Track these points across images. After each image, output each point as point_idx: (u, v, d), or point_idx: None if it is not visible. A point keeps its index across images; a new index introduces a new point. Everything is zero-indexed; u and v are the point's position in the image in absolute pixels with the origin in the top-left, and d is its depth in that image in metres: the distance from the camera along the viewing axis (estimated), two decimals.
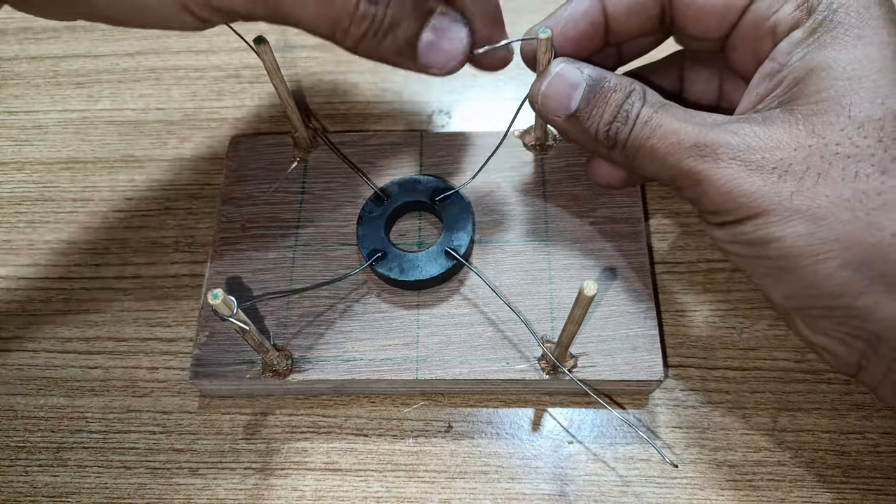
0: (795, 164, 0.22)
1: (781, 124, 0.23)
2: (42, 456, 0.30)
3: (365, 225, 0.31)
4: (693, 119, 0.24)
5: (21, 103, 0.39)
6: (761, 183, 0.22)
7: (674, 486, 0.28)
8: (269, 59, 0.28)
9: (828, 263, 0.22)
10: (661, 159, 0.24)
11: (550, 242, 0.31)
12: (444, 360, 0.29)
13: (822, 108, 0.22)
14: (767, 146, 0.22)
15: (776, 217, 0.22)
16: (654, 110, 0.24)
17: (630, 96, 0.25)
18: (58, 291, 0.33)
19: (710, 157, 0.23)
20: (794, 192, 0.22)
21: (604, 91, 0.25)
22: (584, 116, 0.25)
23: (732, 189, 0.23)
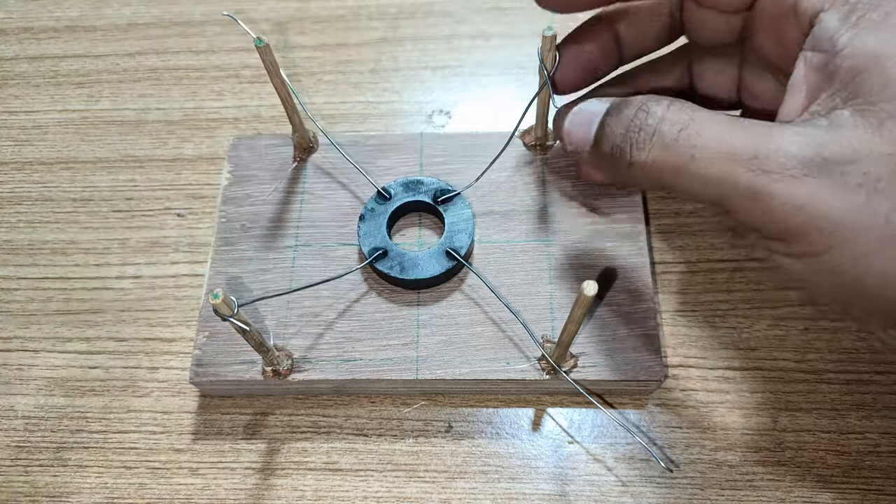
0: (885, 179, 0.18)
1: (855, 129, 0.19)
2: (42, 456, 0.30)
3: (367, 222, 0.31)
4: (742, 124, 0.20)
5: (21, 103, 0.39)
6: (846, 203, 0.18)
7: (674, 487, 0.28)
8: (269, 60, 0.28)
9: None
10: (706, 175, 0.20)
11: (550, 242, 0.31)
12: (444, 360, 0.29)
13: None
14: (847, 158, 0.18)
15: (871, 245, 0.18)
16: (690, 115, 0.21)
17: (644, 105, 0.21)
18: (57, 292, 0.33)
19: (776, 172, 0.19)
20: (889, 212, 0.18)
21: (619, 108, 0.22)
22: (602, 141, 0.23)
23: (810, 212, 0.19)
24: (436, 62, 0.39)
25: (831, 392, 0.29)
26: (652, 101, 0.22)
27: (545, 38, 0.26)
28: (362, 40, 0.40)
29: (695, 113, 0.21)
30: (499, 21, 0.40)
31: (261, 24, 0.41)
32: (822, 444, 0.29)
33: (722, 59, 0.27)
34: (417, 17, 0.41)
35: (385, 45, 0.40)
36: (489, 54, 0.39)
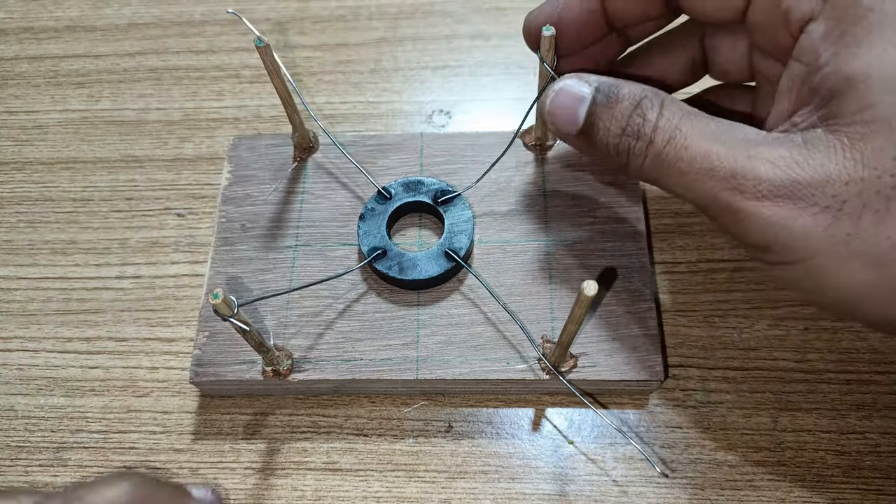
0: (850, 202, 0.19)
1: (827, 151, 0.19)
2: (42, 456, 0.30)
3: (367, 222, 0.31)
4: (725, 137, 0.21)
5: (21, 103, 0.39)
6: (813, 223, 0.19)
7: (674, 487, 0.28)
8: (269, 60, 0.28)
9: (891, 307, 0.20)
10: (691, 186, 0.21)
11: (551, 242, 0.31)
12: (444, 360, 0.29)
13: (870, 131, 0.19)
14: (816, 181, 0.19)
15: (832, 262, 0.20)
16: (677, 124, 0.21)
17: (639, 106, 0.22)
18: (58, 291, 0.33)
19: (750, 192, 0.20)
20: (850, 233, 0.19)
21: (610, 102, 0.22)
22: (591, 131, 0.23)
23: (780, 230, 0.20)
24: (436, 62, 0.39)
25: (831, 392, 0.29)
26: (646, 102, 0.22)
27: (545, 38, 0.26)
28: (362, 40, 0.40)
29: (682, 121, 0.21)
30: (499, 21, 0.40)
31: (261, 24, 0.41)
32: (822, 444, 0.29)
33: (733, 35, 0.26)
34: (417, 17, 0.41)
35: (385, 45, 0.40)
36: (489, 54, 0.39)
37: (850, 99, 0.19)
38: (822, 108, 0.20)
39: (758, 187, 0.20)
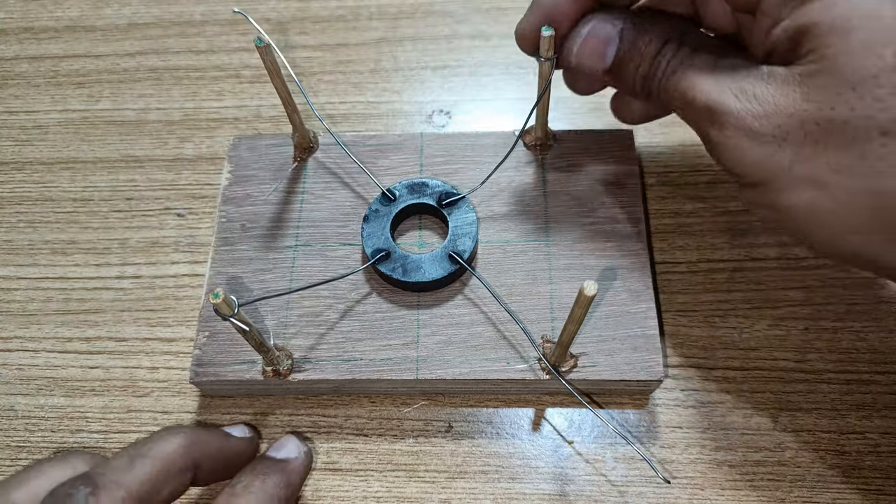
0: (793, 132, 0.21)
1: (781, 86, 0.22)
2: (42, 456, 0.30)
3: (371, 223, 0.31)
4: (717, 70, 0.24)
5: (21, 103, 0.39)
6: (762, 152, 0.22)
7: (674, 487, 0.28)
8: (269, 60, 0.28)
9: (838, 229, 0.21)
10: (685, 114, 0.25)
11: (551, 242, 0.31)
12: (444, 360, 0.29)
13: (817, 69, 0.21)
14: (766, 112, 0.22)
15: (779, 186, 0.22)
16: (683, 60, 0.24)
17: (665, 46, 0.25)
18: (58, 291, 0.33)
19: (717, 124, 0.23)
20: (792, 160, 0.21)
21: (638, 44, 0.25)
22: (620, 70, 0.25)
23: (738, 158, 0.23)
24: (436, 62, 0.39)
25: (831, 392, 0.29)
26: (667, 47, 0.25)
27: (544, 38, 0.26)
28: (362, 40, 0.40)
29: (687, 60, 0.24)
30: (499, 21, 0.40)
31: (261, 24, 0.41)
32: (822, 444, 0.29)
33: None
34: (417, 17, 0.41)
35: (385, 45, 0.40)
36: (489, 54, 0.39)
37: (804, 43, 0.21)
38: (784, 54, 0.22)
39: (722, 119, 0.23)
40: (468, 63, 0.39)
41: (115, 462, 0.22)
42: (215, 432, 0.26)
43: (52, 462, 0.23)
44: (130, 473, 0.22)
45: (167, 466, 0.23)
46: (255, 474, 0.25)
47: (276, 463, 0.26)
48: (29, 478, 0.23)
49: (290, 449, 0.27)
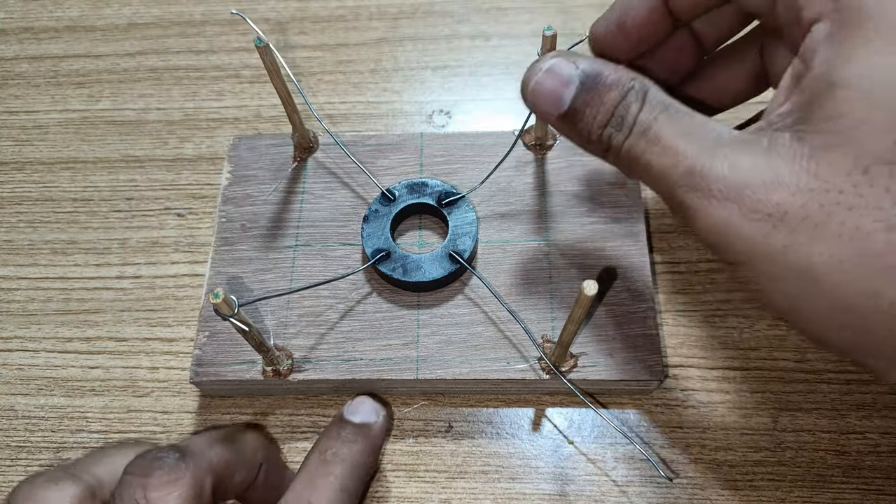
0: (792, 212, 0.19)
1: (785, 157, 0.19)
2: (43, 456, 0.30)
3: (371, 223, 0.31)
4: (696, 133, 0.21)
5: (21, 103, 0.39)
6: (752, 230, 0.19)
7: (674, 486, 0.28)
8: (269, 60, 0.28)
9: (824, 324, 0.20)
10: (655, 180, 0.21)
11: (551, 242, 0.31)
12: (444, 360, 0.29)
13: (830, 143, 0.18)
14: (764, 186, 0.19)
15: (768, 270, 0.20)
16: (654, 117, 0.21)
17: (627, 96, 0.22)
18: (58, 291, 0.33)
19: (702, 191, 0.20)
20: (785, 245, 0.19)
21: (599, 89, 0.22)
22: (576, 117, 0.23)
23: (721, 233, 0.20)
24: (436, 62, 0.39)
25: (831, 392, 0.29)
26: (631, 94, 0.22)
27: (545, 38, 0.26)
28: (362, 40, 0.40)
29: (660, 114, 0.21)
30: (499, 21, 0.40)
31: (261, 25, 0.41)
32: (822, 444, 0.29)
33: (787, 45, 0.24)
34: (417, 17, 0.41)
35: (385, 45, 0.40)
36: (489, 54, 0.39)
37: (825, 106, 0.19)
38: (800, 110, 0.20)
39: (710, 187, 0.20)
40: (468, 63, 0.39)
41: (195, 440, 0.24)
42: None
43: (124, 444, 0.25)
44: (212, 450, 0.24)
45: (243, 453, 0.25)
46: (342, 441, 0.26)
47: (360, 428, 0.27)
48: (107, 455, 0.24)
49: (367, 412, 0.28)
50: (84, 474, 0.23)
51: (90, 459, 0.24)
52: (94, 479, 0.23)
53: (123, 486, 0.21)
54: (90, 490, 0.23)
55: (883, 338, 0.19)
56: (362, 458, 0.26)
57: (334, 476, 0.25)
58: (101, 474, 0.23)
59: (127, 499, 0.21)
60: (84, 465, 0.24)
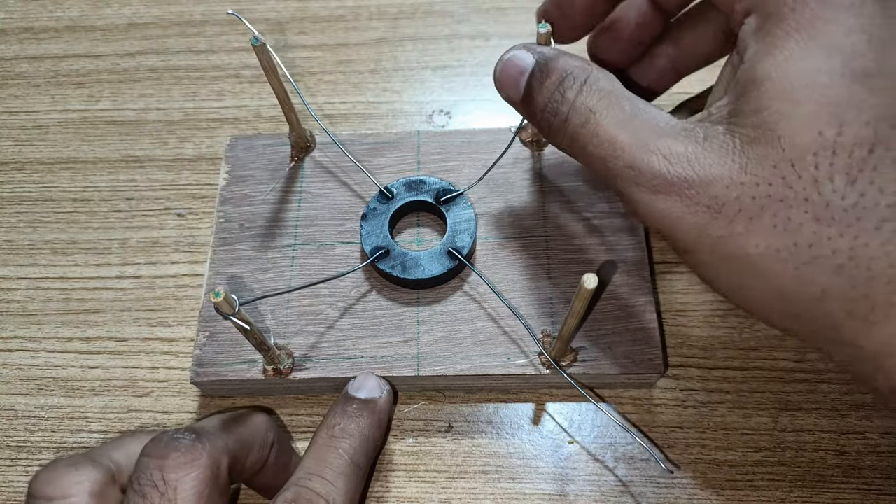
0: (728, 205, 0.19)
1: (719, 151, 0.20)
2: (43, 456, 0.30)
3: (369, 222, 0.31)
4: (635, 125, 0.21)
5: (21, 103, 0.39)
6: (693, 221, 0.20)
7: (674, 486, 0.28)
8: (265, 59, 0.28)
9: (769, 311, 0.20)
10: (598, 169, 0.22)
11: (549, 238, 0.31)
12: (445, 357, 0.29)
13: (757, 136, 0.19)
14: (701, 180, 0.20)
15: (708, 260, 0.20)
16: (592, 106, 0.21)
17: (564, 81, 0.22)
18: (58, 291, 0.33)
19: (643, 185, 0.20)
20: (722, 235, 0.20)
21: (543, 74, 0.23)
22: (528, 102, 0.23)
23: (668, 223, 0.20)
24: (436, 62, 0.39)
25: (831, 392, 0.29)
26: (570, 79, 0.22)
27: (540, 35, 0.26)
28: (362, 40, 0.40)
29: (599, 103, 0.21)
30: (499, 21, 0.40)
31: (261, 24, 0.41)
32: (822, 444, 0.28)
33: None
34: (417, 17, 0.41)
35: (385, 45, 0.40)
36: (489, 54, 0.39)
37: (751, 99, 0.20)
38: (732, 103, 0.20)
39: (651, 181, 0.20)
40: (468, 63, 0.39)
41: (208, 422, 0.24)
42: None
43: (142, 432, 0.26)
44: (226, 431, 0.24)
45: (255, 433, 0.25)
46: (349, 417, 0.26)
47: (365, 403, 0.27)
48: (125, 442, 0.25)
49: (371, 388, 0.27)
50: (103, 459, 0.23)
51: (109, 446, 0.25)
52: (113, 464, 0.23)
53: (141, 467, 0.22)
54: (109, 475, 0.23)
55: (821, 324, 0.19)
56: (369, 431, 0.26)
57: (343, 450, 0.25)
58: (120, 459, 0.24)
59: (145, 480, 0.21)
60: (103, 451, 0.24)
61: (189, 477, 0.21)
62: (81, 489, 0.22)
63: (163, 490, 0.21)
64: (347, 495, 0.24)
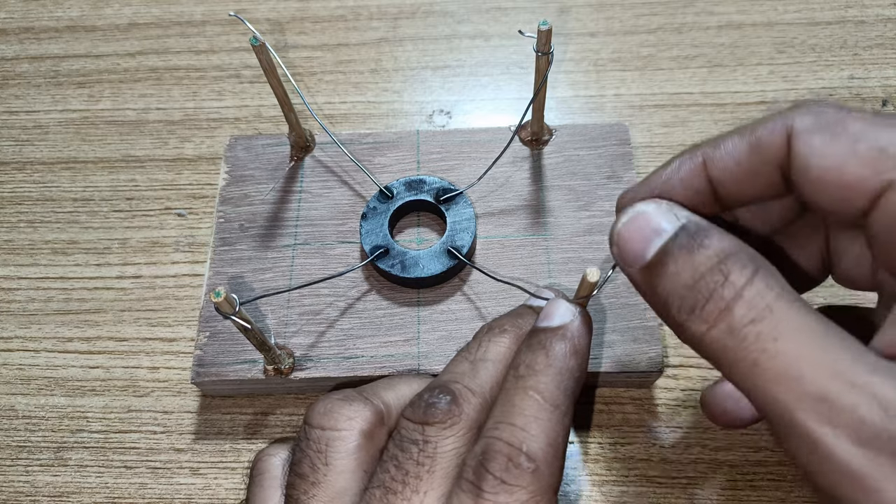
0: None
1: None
2: (43, 455, 0.30)
3: (369, 221, 0.31)
4: (830, 345, 0.16)
5: (22, 103, 0.39)
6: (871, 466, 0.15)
7: (674, 486, 0.28)
8: (265, 59, 0.28)
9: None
10: (763, 388, 0.16)
11: (549, 236, 0.31)
12: (445, 356, 0.29)
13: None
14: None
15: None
16: (769, 304, 0.16)
17: (725, 261, 0.17)
18: (58, 291, 0.33)
19: (843, 429, 0.15)
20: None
21: (693, 246, 0.18)
22: (659, 272, 0.19)
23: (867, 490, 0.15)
24: (436, 62, 0.39)
25: None
26: (735, 260, 0.17)
27: (541, 33, 0.26)
28: (362, 40, 0.40)
29: (777, 302, 0.17)
30: (499, 21, 0.40)
31: (261, 25, 0.41)
32: None
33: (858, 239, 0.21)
34: (417, 17, 0.41)
35: (385, 45, 0.40)
36: (489, 54, 0.39)
37: None
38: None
39: (855, 428, 0.15)
40: (468, 63, 0.39)
41: (459, 368, 0.23)
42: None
43: (408, 376, 0.26)
44: (478, 379, 0.22)
45: (507, 367, 0.22)
46: (535, 350, 0.22)
47: (554, 332, 0.22)
48: (395, 384, 0.25)
49: (561, 314, 0.22)
50: (375, 399, 0.23)
51: (381, 385, 0.25)
52: (383, 405, 0.23)
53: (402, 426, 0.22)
54: (379, 415, 0.23)
55: None
56: (563, 362, 0.21)
57: (532, 390, 0.21)
58: (390, 401, 0.24)
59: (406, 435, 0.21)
60: (374, 391, 0.24)
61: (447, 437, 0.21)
62: (353, 425, 0.22)
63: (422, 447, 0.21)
64: (546, 440, 0.20)
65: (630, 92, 0.38)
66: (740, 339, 0.17)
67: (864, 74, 0.37)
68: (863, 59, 0.38)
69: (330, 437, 0.22)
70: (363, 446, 0.22)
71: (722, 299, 0.17)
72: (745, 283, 0.17)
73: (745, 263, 0.17)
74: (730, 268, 0.17)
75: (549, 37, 0.26)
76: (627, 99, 0.37)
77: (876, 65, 0.38)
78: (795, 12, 0.40)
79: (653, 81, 0.38)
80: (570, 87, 0.38)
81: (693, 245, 0.18)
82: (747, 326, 0.16)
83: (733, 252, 0.18)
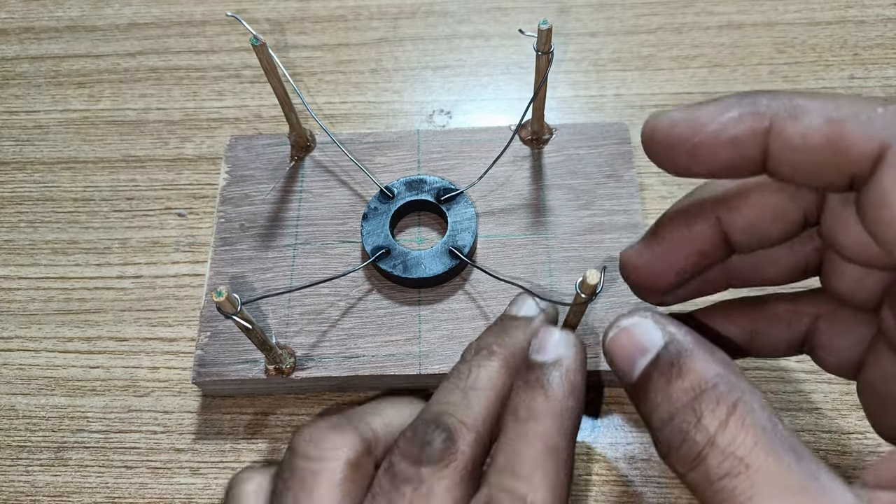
0: None
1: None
2: (43, 455, 0.30)
3: (370, 221, 0.31)
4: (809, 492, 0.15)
5: (22, 103, 0.39)
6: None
7: (674, 486, 0.28)
8: (265, 59, 0.28)
9: None
10: None
11: (549, 235, 0.31)
12: (447, 355, 0.29)
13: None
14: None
15: None
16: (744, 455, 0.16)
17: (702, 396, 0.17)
18: (58, 291, 0.33)
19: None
20: None
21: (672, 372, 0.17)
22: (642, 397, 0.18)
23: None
24: (436, 62, 0.39)
25: (832, 392, 0.29)
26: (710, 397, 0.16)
27: (541, 32, 0.26)
28: (363, 40, 0.40)
29: (754, 453, 0.15)
30: (499, 21, 0.40)
31: (261, 25, 0.41)
32: (823, 444, 0.28)
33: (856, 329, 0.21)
34: (418, 17, 0.41)
35: (385, 45, 0.40)
36: (489, 54, 0.39)
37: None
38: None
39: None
40: (468, 63, 0.39)
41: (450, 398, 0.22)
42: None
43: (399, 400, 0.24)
44: (471, 411, 0.21)
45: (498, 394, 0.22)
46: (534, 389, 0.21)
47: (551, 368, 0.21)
48: (383, 407, 0.23)
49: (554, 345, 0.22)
50: (362, 425, 0.22)
51: (368, 410, 0.23)
52: (371, 432, 0.22)
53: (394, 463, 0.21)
54: (367, 445, 0.22)
55: None
56: (562, 403, 0.21)
57: (534, 435, 0.20)
58: (378, 428, 0.23)
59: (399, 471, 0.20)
60: (362, 416, 0.23)
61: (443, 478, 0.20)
62: (340, 455, 0.21)
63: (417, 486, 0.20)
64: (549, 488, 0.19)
65: (630, 92, 0.38)
66: (717, 490, 0.16)
67: (864, 74, 0.37)
68: (863, 59, 0.38)
69: (316, 469, 0.21)
70: (350, 477, 0.21)
71: (696, 444, 0.16)
72: (717, 427, 0.16)
73: (722, 398, 0.16)
74: (703, 406, 0.16)
75: (550, 36, 0.26)
76: (628, 99, 0.37)
77: (876, 65, 0.38)
78: (795, 12, 0.40)
79: (653, 81, 0.38)
80: (571, 86, 0.38)
81: (672, 373, 0.17)
82: (723, 479, 0.16)
83: (710, 385, 0.17)
